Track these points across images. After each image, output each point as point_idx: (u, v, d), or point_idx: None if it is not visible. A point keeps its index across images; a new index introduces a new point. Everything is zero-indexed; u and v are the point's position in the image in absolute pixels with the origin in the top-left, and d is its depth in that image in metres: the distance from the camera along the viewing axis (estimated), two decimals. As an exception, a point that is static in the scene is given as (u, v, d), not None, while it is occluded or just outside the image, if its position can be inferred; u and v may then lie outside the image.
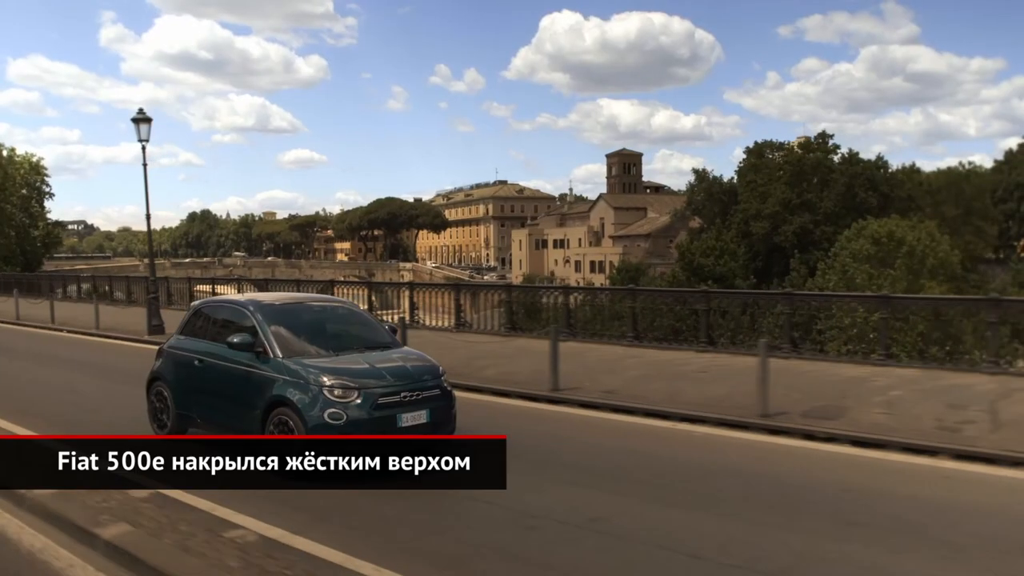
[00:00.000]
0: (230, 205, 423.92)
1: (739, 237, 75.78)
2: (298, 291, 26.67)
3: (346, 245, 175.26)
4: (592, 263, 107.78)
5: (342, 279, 57.15)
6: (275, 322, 9.39)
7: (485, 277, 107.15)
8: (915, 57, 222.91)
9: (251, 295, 12.43)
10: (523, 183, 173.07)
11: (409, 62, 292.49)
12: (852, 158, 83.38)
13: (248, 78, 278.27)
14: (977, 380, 13.22)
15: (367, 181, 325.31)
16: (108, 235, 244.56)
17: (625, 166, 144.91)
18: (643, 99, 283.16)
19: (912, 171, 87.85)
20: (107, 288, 39.21)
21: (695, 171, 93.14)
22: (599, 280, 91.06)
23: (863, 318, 17.72)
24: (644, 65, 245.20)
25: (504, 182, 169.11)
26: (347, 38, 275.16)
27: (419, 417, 8.72)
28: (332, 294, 24.47)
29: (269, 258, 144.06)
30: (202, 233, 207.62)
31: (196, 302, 11.23)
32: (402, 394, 8.66)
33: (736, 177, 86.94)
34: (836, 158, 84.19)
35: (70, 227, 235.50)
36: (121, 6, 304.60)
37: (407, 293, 25.02)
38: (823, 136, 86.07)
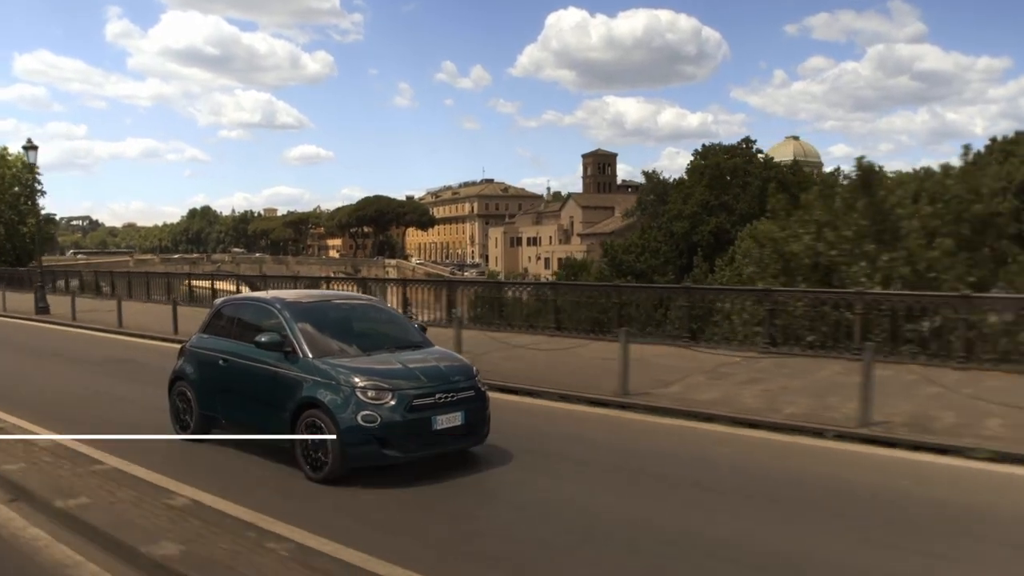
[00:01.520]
0: (236, 201, 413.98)
1: (666, 236, 78.32)
2: (295, 287, 27.31)
3: (337, 242, 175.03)
4: (560, 260, 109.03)
5: (329, 275, 57.40)
6: (303, 321, 8.92)
7: (466, 273, 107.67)
8: (922, 56, 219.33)
9: (275, 292, 11.57)
10: (528, 180, 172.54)
11: (415, 59, 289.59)
12: (767, 162, 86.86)
13: (254, 74, 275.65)
14: (833, 366, 14.17)
15: (372, 177, 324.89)
16: (112, 231, 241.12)
17: (600, 166, 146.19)
18: (649, 96, 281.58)
19: (830, 175, 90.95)
20: (87, 281, 40.98)
21: (644, 173, 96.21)
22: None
23: (740, 310, 18.56)
24: (650, 62, 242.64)
25: (491, 180, 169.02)
26: (353, 34, 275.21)
27: (454, 419, 8.31)
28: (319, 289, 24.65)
29: (257, 254, 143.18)
30: (202, 229, 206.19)
31: (219, 300, 10.51)
32: (437, 395, 8.22)
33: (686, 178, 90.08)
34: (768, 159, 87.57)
35: (74, 223, 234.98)
36: (127, 1, 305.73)
37: (395, 289, 25.71)
38: (747, 141, 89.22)
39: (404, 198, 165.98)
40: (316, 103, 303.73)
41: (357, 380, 8.02)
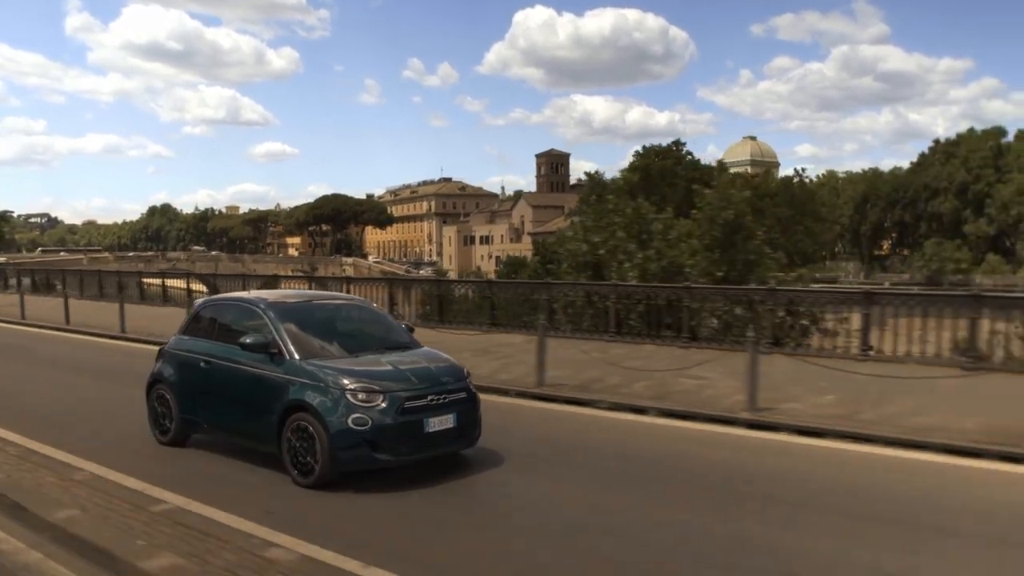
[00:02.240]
0: (200, 198, 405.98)
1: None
2: (249, 285, 27.34)
3: (297, 240, 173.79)
4: (510, 258, 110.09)
5: (285, 273, 57.04)
6: (289, 321, 8.55)
7: (421, 272, 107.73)
8: (885, 57, 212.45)
9: (258, 292, 11.06)
10: (496, 179, 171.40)
11: (382, 56, 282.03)
12: (694, 164, 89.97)
13: (218, 70, 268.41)
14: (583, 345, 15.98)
15: (339, 175, 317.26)
16: (72, 228, 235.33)
17: (553, 166, 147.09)
18: (617, 95, 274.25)
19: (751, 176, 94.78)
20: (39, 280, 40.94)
21: (587, 173, 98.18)
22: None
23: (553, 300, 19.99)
24: (618, 61, 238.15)
25: (449, 179, 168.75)
26: (319, 30, 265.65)
27: (446, 421, 8.02)
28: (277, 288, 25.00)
29: (213, 252, 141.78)
30: (162, 227, 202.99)
31: (199, 300, 9.85)
32: (428, 397, 7.93)
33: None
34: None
35: (32, 220, 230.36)
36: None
37: (338, 287, 25.09)
38: (677, 143, 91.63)
39: (365, 196, 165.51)
40: (282, 100, 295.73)
41: (346, 382, 7.72)
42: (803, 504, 7.34)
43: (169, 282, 34.71)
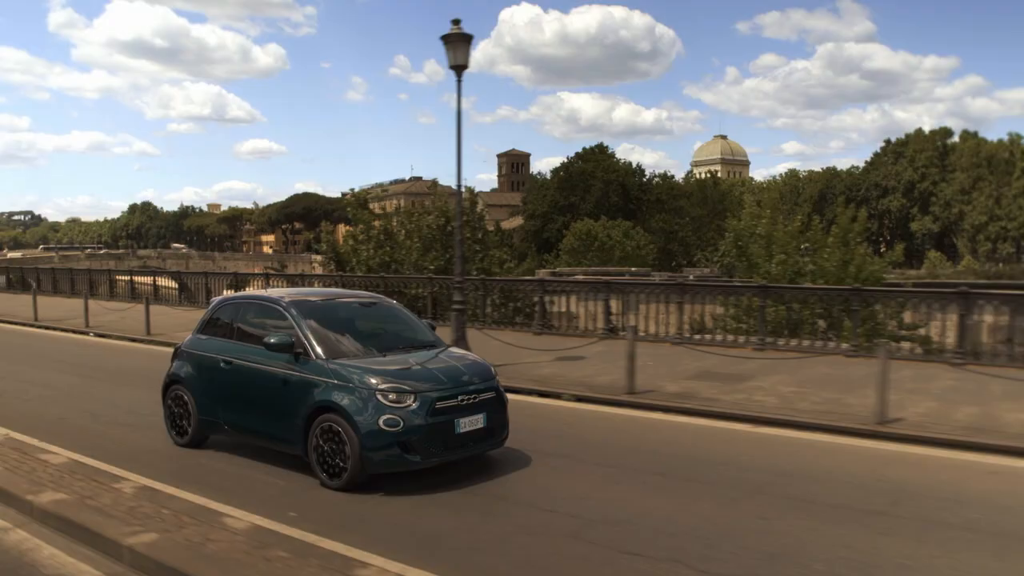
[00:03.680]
0: (186, 196, 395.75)
1: (524, 232, 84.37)
2: (215, 281, 27.90)
3: (271, 238, 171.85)
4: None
5: (254, 271, 56.46)
6: (313, 320, 8.13)
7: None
8: (871, 55, 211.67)
9: (277, 291, 10.27)
10: (484, 176, 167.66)
11: (369, 52, 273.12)
12: (612, 166, 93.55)
13: (204, 67, 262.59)
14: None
15: (327, 172, 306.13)
16: (54, 226, 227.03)
17: (514, 165, 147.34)
18: (604, 92, 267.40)
19: (666, 177, 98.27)
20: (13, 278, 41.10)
21: (531, 175, 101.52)
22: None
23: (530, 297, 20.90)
24: (605, 59, 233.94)
25: (419, 178, 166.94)
26: (306, 27, 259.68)
27: (476, 422, 7.64)
28: (248, 287, 26.00)
29: (184, 250, 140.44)
30: (142, 224, 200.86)
31: (216, 299, 9.60)
32: (459, 397, 7.55)
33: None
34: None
35: (16, 218, 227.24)
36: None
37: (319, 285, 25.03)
38: (601, 148, 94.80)
39: (340, 194, 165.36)
40: (268, 96, 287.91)
41: (376, 382, 7.31)
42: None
43: (138, 279, 34.88)
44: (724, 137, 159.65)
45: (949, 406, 10.50)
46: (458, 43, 14.41)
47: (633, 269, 41.94)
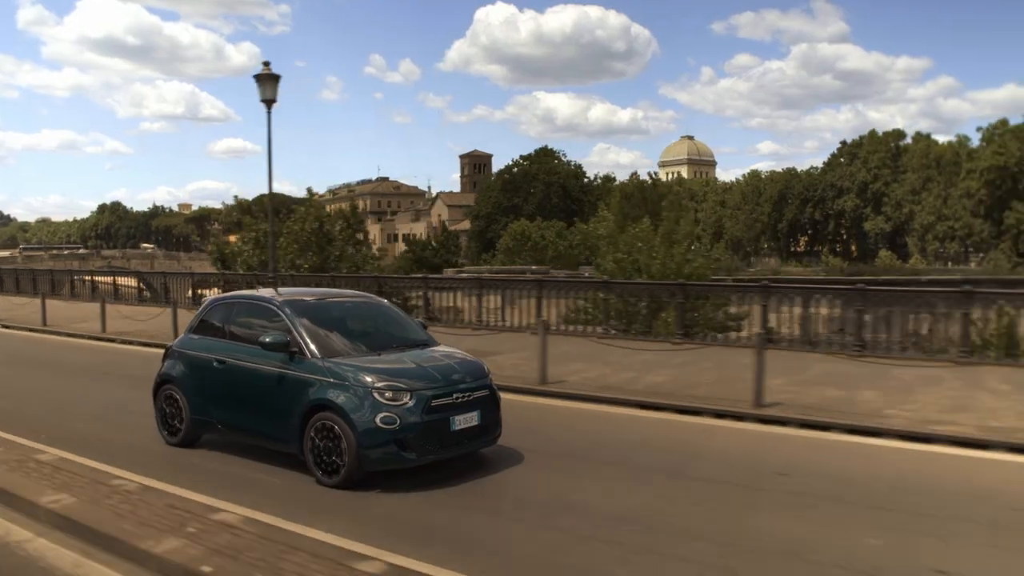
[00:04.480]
0: (159, 195, 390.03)
1: (470, 233, 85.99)
2: (173, 281, 27.99)
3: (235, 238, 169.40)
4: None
5: (212, 270, 56.68)
6: (307, 319, 8.07)
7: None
8: (844, 55, 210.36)
9: (269, 290, 9.98)
10: (457, 175, 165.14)
11: (344, 52, 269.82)
12: (554, 168, 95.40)
13: (177, 65, 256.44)
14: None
15: (301, 172, 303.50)
16: (24, 226, 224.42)
17: (476, 166, 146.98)
18: (580, 92, 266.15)
19: (607, 179, 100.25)
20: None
21: (488, 177, 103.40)
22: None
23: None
24: (580, 58, 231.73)
25: (386, 178, 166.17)
26: (280, 25, 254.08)
27: (471, 419, 7.63)
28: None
29: (149, 250, 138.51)
30: (111, 225, 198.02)
31: (209, 298, 8.93)
32: (455, 395, 7.51)
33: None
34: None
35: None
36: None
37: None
38: (546, 151, 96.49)
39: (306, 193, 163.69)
40: (242, 95, 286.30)
41: (372, 380, 7.28)
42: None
43: (99, 278, 34.94)
44: (691, 138, 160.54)
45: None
46: (267, 81, 17.90)
47: (533, 268, 42.74)
